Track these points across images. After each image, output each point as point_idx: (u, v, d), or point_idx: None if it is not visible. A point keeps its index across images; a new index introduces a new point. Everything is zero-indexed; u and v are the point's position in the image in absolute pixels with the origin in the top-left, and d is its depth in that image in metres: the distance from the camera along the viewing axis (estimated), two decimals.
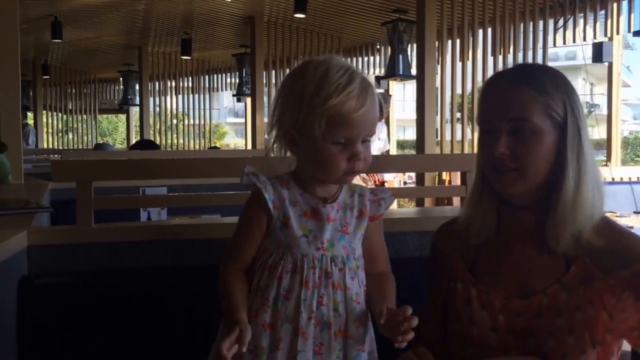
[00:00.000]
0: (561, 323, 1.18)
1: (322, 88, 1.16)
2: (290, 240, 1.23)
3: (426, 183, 5.04)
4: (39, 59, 10.86)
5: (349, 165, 1.21)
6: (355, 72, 1.20)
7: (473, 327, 1.25)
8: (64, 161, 1.92)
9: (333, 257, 1.24)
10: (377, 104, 1.22)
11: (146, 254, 1.66)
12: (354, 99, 1.16)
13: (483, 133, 1.25)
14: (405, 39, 6.46)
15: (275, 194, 1.25)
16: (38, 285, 1.52)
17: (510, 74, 1.25)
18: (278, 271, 1.22)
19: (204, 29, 8.29)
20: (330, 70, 1.18)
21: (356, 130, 1.19)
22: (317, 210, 1.25)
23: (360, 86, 1.18)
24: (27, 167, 4.59)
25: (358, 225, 1.29)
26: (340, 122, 1.16)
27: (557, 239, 1.19)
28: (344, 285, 1.23)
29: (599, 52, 5.36)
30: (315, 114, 1.16)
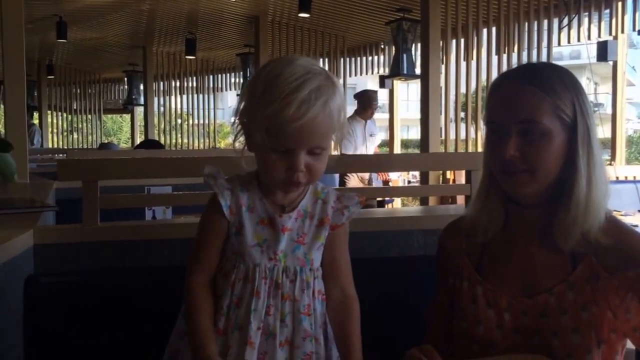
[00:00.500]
0: (566, 322, 1.18)
1: (267, 92, 1.11)
2: (243, 248, 1.20)
3: (430, 182, 5.03)
4: (44, 59, 10.89)
5: (287, 176, 1.15)
6: (309, 80, 1.11)
7: (479, 325, 1.26)
8: (70, 160, 1.93)
9: (285, 268, 1.20)
10: (332, 112, 1.13)
11: (151, 253, 1.66)
12: (294, 107, 1.08)
13: (491, 134, 1.25)
14: (410, 38, 6.45)
15: (232, 199, 1.21)
16: (44, 284, 1.53)
17: (517, 75, 1.24)
18: (231, 278, 1.20)
19: (209, 28, 8.30)
20: (283, 74, 1.12)
21: (295, 141, 1.12)
22: (273, 220, 1.22)
23: (309, 95, 1.10)
24: (32, 166, 4.60)
25: (317, 235, 1.24)
26: (277, 130, 1.11)
27: (566, 237, 1.20)
28: (293, 297, 1.20)
29: (604, 51, 5.35)
30: (257, 118, 1.13)
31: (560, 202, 1.21)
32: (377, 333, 1.57)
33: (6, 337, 1.43)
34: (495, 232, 1.29)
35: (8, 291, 1.44)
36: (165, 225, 1.82)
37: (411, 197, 6.08)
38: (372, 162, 2.09)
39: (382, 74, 7.88)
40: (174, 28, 8.44)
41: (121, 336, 1.53)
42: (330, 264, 1.26)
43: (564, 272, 1.21)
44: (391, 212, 2.61)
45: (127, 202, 1.81)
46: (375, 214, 2.22)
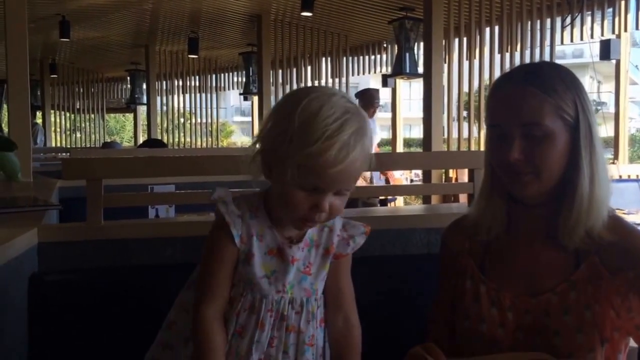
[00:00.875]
0: (569, 321, 1.19)
1: (305, 131, 1.04)
2: (251, 278, 1.16)
3: (433, 181, 5.03)
4: (47, 58, 10.90)
5: (310, 214, 1.11)
6: (349, 121, 1.06)
7: (482, 324, 1.26)
8: (75, 159, 1.93)
9: (292, 299, 1.18)
10: (366, 154, 1.10)
11: (155, 251, 1.67)
12: (334, 152, 1.03)
13: (493, 136, 1.24)
14: (412, 37, 6.45)
15: (243, 227, 1.16)
16: (48, 282, 1.53)
17: (516, 76, 1.24)
18: (237, 307, 1.17)
19: (211, 27, 8.30)
20: (321, 113, 1.05)
21: (328, 183, 1.08)
22: (282, 250, 1.18)
23: (349, 138, 1.05)
24: (36, 165, 4.61)
25: (322, 264, 1.22)
26: (313, 172, 1.06)
27: (570, 235, 1.20)
28: (298, 329, 1.19)
29: (607, 50, 5.34)
30: (289, 154, 1.06)
31: (563, 200, 1.21)
32: (380, 331, 1.58)
33: (11, 335, 1.44)
34: (498, 232, 1.30)
35: (13, 289, 1.45)
36: (169, 224, 1.83)
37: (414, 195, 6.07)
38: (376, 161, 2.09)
39: (384, 73, 7.87)
40: (177, 27, 8.45)
41: (125, 334, 1.54)
42: (336, 293, 1.24)
43: (567, 272, 1.22)
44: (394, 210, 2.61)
45: (131, 201, 1.81)
46: (378, 213, 2.22)
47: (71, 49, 9.93)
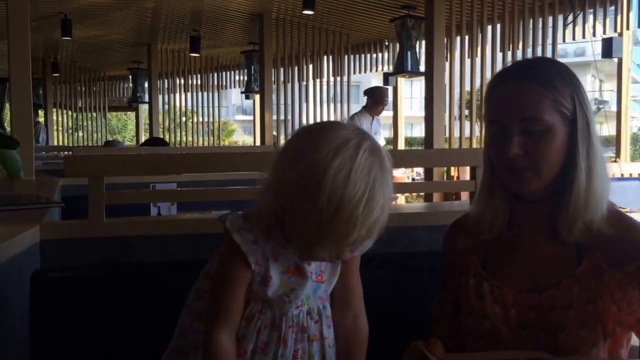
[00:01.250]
0: (572, 316, 1.19)
1: (334, 218, 1.01)
2: (269, 298, 1.17)
3: (434, 179, 5.03)
4: (49, 57, 10.91)
5: (324, 257, 1.13)
6: (374, 187, 1.03)
7: (485, 320, 1.26)
8: (77, 157, 1.94)
9: (309, 310, 1.20)
10: (391, 201, 1.10)
11: (157, 248, 1.67)
12: (365, 232, 1.04)
13: (493, 133, 1.24)
14: (414, 35, 6.45)
15: (259, 252, 1.15)
16: (50, 279, 1.54)
17: (515, 72, 1.24)
18: (256, 325, 1.17)
19: (213, 26, 8.30)
20: (349, 190, 1.01)
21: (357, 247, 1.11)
22: (299, 267, 1.18)
23: (377, 215, 1.04)
24: (38, 164, 4.62)
25: (333, 271, 1.23)
26: (334, 242, 1.06)
27: (570, 229, 1.20)
28: (320, 336, 1.20)
29: (609, 48, 5.34)
30: (317, 231, 1.04)
31: (562, 195, 1.22)
32: (382, 329, 1.58)
33: (13, 332, 1.44)
34: (500, 230, 1.30)
35: (15, 286, 1.45)
36: (171, 221, 1.83)
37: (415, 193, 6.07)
38: None
39: (386, 71, 7.87)
40: (178, 25, 8.45)
41: (127, 331, 1.54)
42: (345, 293, 1.25)
43: (570, 267, 1.22)
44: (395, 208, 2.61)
45: (133, 198, 1.82)
46: None
47: (73, 48, 9.93)
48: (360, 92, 7.37)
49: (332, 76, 8.51)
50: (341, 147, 1.04)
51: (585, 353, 1.18)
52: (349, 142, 1.05)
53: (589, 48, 5.93)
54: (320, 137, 1.07)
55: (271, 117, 7.76)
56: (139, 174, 1.67)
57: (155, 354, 1.36)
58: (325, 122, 1.10)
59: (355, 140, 1.06)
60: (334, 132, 1.07)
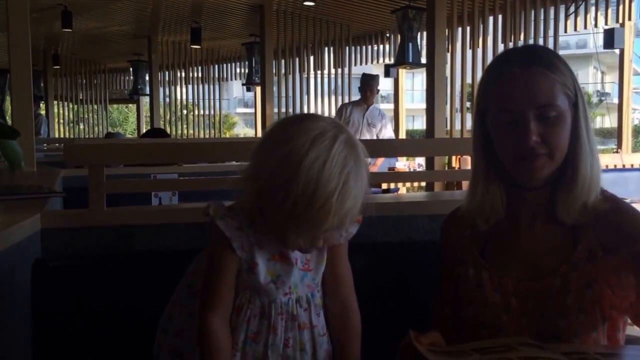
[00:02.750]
0: (571, 302, 1.19)
1: (308, 202, 1.04)
2: (257, 286, 1.18)
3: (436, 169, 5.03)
4: (49, 49, 10.90)
5: (304, 249, 1.16)
6: (349, 179, 1.06)
7: (486, 310, 1.26)
8: (77, 145, 1.93)
9: (298, 298, 1.20)
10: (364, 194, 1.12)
11: (158, 237, 1.67)
12: (338, 219, 1.07)
13: (503, 123, 1.22)
14: (415, 26, 6.42)
15: (243, 238, 1.18)
16: (51, 268, 1.54)
17: (518, 58, 1.22)
18: (246, 314, 1.18)
19: (214, 17, 8.28)
20: (324, 176, 1.04)
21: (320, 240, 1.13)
22: (284, 254, 1.20)
23: (352, 201, 1.07)
24: (39, 156, 4.62)
25: (319, 258, 1.23)
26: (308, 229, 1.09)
27: (569, 211, 1.21)
28: (310, 324, 1.21)
29: (611, 39, 5.33)
30: (294, 215, 1.06)
31: (563, 178, 1.22)
32: (382, 318, 1.58)
33: (14, 320, 1.45)
34: (498, 219, 1.29)
35: (17, 274, 1.45)
36: (172, 210, 1.83)
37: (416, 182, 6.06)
38: (377, 147, 2.09)
39: (387, 63, 7.86)
40: (179, 17, 8.43)
41: (128, 319, 1.55)
42: (333, 280, 1.26)
43: (567, 252, 1.22)
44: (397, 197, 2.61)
45: (133, 187, 1.81)
46: (381, 199, 2.21)
47: (73, 40, 9.92)
48: None
49: (333, 68, 8.49)
50: (318, 138, 1.07)
51: (586, 338, 1.19)
52: (326, 133, 1.08)
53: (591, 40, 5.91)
54: (298, 127, 1.09)
55: (272, 109, 7.75)
56: (139, 161, 1.66)
57: None
58: (304, 114, 1.12)
59: (332, 132, 1.08)
60: (312, 124, 1.10)
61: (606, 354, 1.14)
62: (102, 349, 1.53)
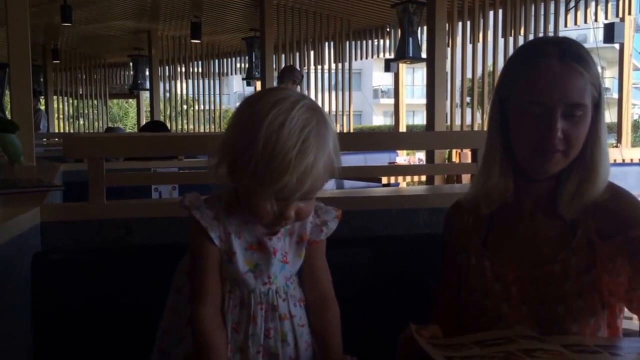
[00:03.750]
0: (570, 287, 1.21)
1: (268, 160, 1.05)
2: (235, 275, 1.18)
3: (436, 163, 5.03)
4: (49, 43, 10.87)
5: (277, 221, 1.13)
6: (309, 138, 1.06)
7: (487, 299, 1.27)
8: (76, 137, 1.93)
9: (277, 289, 1.20)
10: (332, 162, 1.11)
11: (158, 231, 1.67)
12: (297, 178, 1.05)
13: (531, 113, 1.20)
14: (416, 21, 6.41)
15: (220, 228, 1.17)
16: (51, 261, 1.54)
17: (557, 49, 1.20)
18: (228, 305, 1.18)
19: (214, 12, 8.27)
20: (283, 134, 1.05)
21: (293, 199, 1.10)
22: (262, 243, 1.19)
23: (311, 161, 1.06)
24: (39, 150, 4.62)
25: (297, 251, 1.23)
26: (278, 192, 1.07)
27: (574, 208, 1.22)
28: (289, 315, 1.21)
29: (610, 33, 5.31)
30: (257, 178, 1.07)
31: (575, 176, 1.23)
32: (382, 311, 1.58)
33: (14, 312, 1.45)
34: (499, 205, 1.30)
35: (17, 267, 1.45)
36: (171, 203, 1.82)
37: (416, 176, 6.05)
38: (378, 140, 2.08)
39: (387, 58, 7.84)
40: (179, 11, 8.42)
41: (128, 313, 1.54)
42: (310, 273, 1.26)
43: (566, 239, 1.24)
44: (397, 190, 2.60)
45: (133, 180, 1.81)
46: (381, 192, 2.21)
47: (73, 34, 9.90)
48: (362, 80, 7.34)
49: (334, 62, 8.48)
50: (279, 102, 1.09)
51: (585, 324, 1.20)
52: (288, 98, 1.10)
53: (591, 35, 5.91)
54: (260, 97, 1.14)
55: None
56: (138, 155, 1.66)
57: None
58: (268, 88, 1.15)
59: (294, 98, 1.11)
60: (274, 92, 1.13)
61: (605, 346, 1.14)
62: (101, 341, 1.53)
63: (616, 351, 1.13)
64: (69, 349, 1.52)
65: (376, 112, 29.21)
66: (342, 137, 1.26)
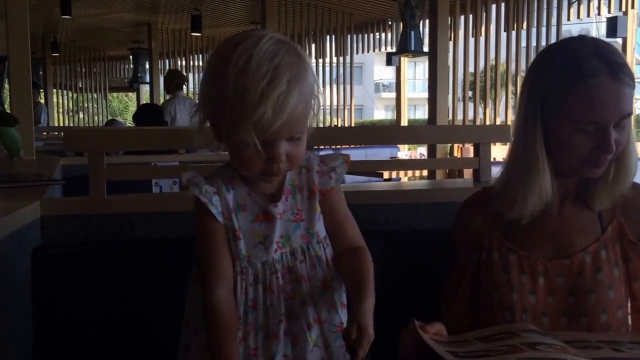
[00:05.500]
0: (602, 279, 1.24)
1: (241, 97, 1.02)
2: (245, 251, 1.15)
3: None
4: (48, 36, 10.83)
5: (268, 167, 1.09)
6: (280, 68, 1.03)
7: (512, 293, 1.28)
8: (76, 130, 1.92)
9: (293, 251, 1.17)
10: (307, 95, 1.08)
11: (159, 225, 1.66)
12: (271, 111, 1.01)
13: (583, 132, 1.19)
14: (418, 14, 6.37)
15: (222, 203, 1.14)
16: (51, 255, 1.53)
17: (607, 64, 1.17)
18: (242, 286, 1.15)
19: (214, 4, 8.24)
20: (250, 68, 1.02)
21: (274, 135, 1.05)
22: (268, 212, 1.16)
23: (282, 91, 1.02)
24: (39, 144, 4.61)
25: (311, 206, 1.19)
26: (257, 131, 1.03)
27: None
28: (307, 277, 1.17)
29: (613, 27, 5.29)
30: (234, 121, 1.04)
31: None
32: (384, 306, 1.57)
33: (14, 306, 1.44)
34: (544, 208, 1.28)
35: (17, 261, 1.45)
36: (172, 197, 1.82)
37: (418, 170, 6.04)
38: (379, 134, 2.07)
39: (389, 51, 7.82)
40: (179, 4, 8.39)
41: (128, 308, 1.54)
42: (334, 225, 1.22)
43: (595, 232, 1.28)
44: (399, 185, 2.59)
45: (134, 174, 1.80)
46: (383, 187, 2.20)
47: (73, 27, 9.87)
48: (363, 73, 7.32)
49: (335, 56, 8.46)
50: (241, 41, 1.06)
51: (612, 315, 1.23)
52: (250, 36, 1.07)
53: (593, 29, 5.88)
54: (223, 42, 1.11)
55: None
56: (139, 147, 1.65)
57: (157, 331, 1.36)
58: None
59: (258, 33, 1.08)
60: (236, 35, 1.09)
61: (608, 342, 1.15)
62: (102, 336, 1.52)
63: (619, 347, 1.13)
64: (69, 342, 1.52)
65: (377, 106, 29.20)
66: (347, 131, 1.24)
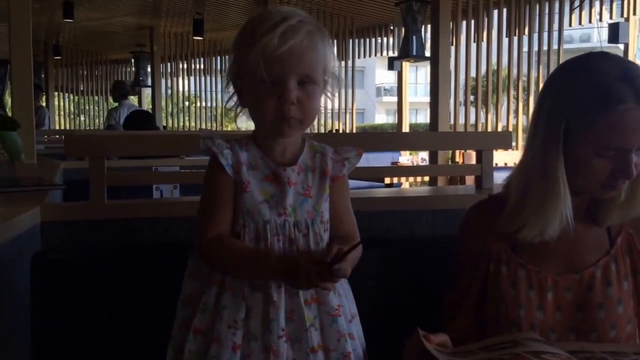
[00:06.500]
0: (612, 293, 1.23)
1: (255, 30, 1.12)
2: (250, 206, 1.17)
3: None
4: (50, 39, 10.85)
5: (278, 109, 1.13)
6: (293, 14, 1.13)
7: (519, 309, 1.26)
8: (78, 135, 1.92)
9: (296, 222, 1.19)
10: (317, 44, 1.15)
11: (159, 231, 1.66)
12: (279, 34, 1.10)
13: (604, 157, 1.17)
14: (420, 19, 6.38)
15: (233, 157, 1.18)
16: (51, 261, 1.52)
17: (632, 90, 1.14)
18: (244, 241, 1.17)
19: (216, 8, 8.25)
20: (270, 13, 1.15)
21: (283, 67, 1.11)
22: (278, 174, 1.20)
23: (295, 23, 1.11)
24: (40, 148, 4.61)
25: (321, 186, 1.23)
26: (265, 61, 1.10)
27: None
28: (308, 251, 1.18)
29: (615, 33, 5.29)
30: (247, 57, 1.12)
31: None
32: (386, 313, 1.56)
33: (14, 312, 1.44)
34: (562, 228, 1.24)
35: (16, 267, 1.44)
36: (173, 203, 1.81)
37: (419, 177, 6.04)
38: (381, 140, 2.07)
39: (391, 56, 7.82)
40: (181, 8, 8.40)
41: (128, 313, 1.53)
42: (334, 213, 1.25)
43: (605, 246, 1.27)
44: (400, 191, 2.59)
45: (134, 179, 1.80)
46: (384, 193, 2.20)
47: (75, 30, 9.89)
48: (365, 78, 7.32)
49: (337, 60, 8.45)
50: (262, 15, 1.17)
51: (622, 329, 1.22)
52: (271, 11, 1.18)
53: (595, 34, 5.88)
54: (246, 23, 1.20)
55: None
56: (140, 153, 1.65)
57: (157, 337, 1.35)
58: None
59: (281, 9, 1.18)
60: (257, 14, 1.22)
61: (614, 352, 1.13)
62: (101, 342, 1.52)
63: (623, 358, 1.12)
64: (68, 348, 1.51)
65: (379, 110, 29.22)
66: (349, 137, 1.24)
